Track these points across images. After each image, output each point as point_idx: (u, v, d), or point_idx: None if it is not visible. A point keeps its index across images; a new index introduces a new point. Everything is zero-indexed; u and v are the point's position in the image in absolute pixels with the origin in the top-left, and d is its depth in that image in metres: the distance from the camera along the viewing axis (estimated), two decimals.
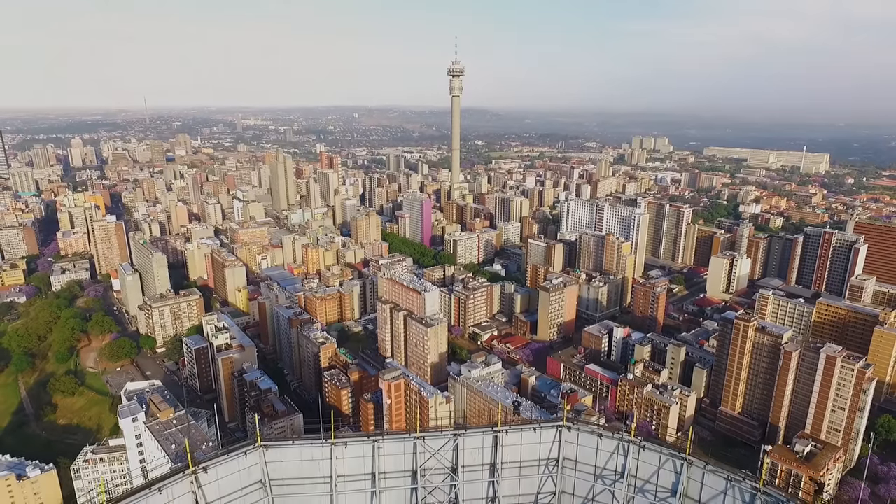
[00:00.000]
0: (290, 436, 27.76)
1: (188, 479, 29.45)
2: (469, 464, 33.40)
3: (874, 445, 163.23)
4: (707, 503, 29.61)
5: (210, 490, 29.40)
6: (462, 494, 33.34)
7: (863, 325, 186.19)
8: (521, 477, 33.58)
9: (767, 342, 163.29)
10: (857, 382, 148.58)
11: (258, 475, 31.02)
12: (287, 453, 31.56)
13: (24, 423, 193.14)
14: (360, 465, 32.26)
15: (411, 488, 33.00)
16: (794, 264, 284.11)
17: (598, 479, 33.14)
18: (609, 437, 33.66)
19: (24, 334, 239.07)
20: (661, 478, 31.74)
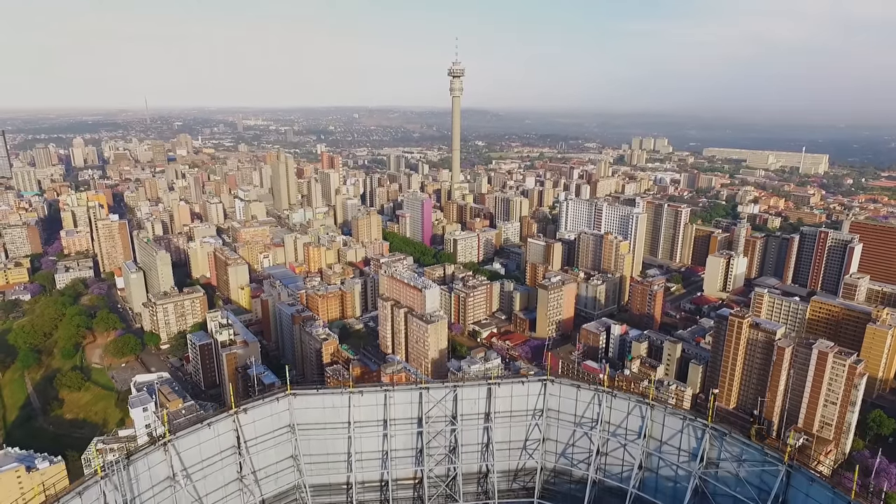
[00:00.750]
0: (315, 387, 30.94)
1: (231, 419, 33.07)
2: (467, 413, 37.47)
3: (867, 438, 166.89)
4: (667, 441, 33.23)
5: (248, 430, 33.23)
6: (461, 439, 37.31)
7: (856, 323, 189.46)
8: (512, 426, 37.58)
9: (761, 338, 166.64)
10: (849, 377, 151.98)
11: (287, 420, 34.85)
12: (311, 401, 35.47)
13: (32, 417, 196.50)
14: (374, 413, 36.20)
15: (417, 433, 36.97)
16: (791, 263, 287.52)
17: (578, 426, 37.04)
18: (586, 388, 37.70)
19: (30, 331, 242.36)
20: (629, 422, 35.66)
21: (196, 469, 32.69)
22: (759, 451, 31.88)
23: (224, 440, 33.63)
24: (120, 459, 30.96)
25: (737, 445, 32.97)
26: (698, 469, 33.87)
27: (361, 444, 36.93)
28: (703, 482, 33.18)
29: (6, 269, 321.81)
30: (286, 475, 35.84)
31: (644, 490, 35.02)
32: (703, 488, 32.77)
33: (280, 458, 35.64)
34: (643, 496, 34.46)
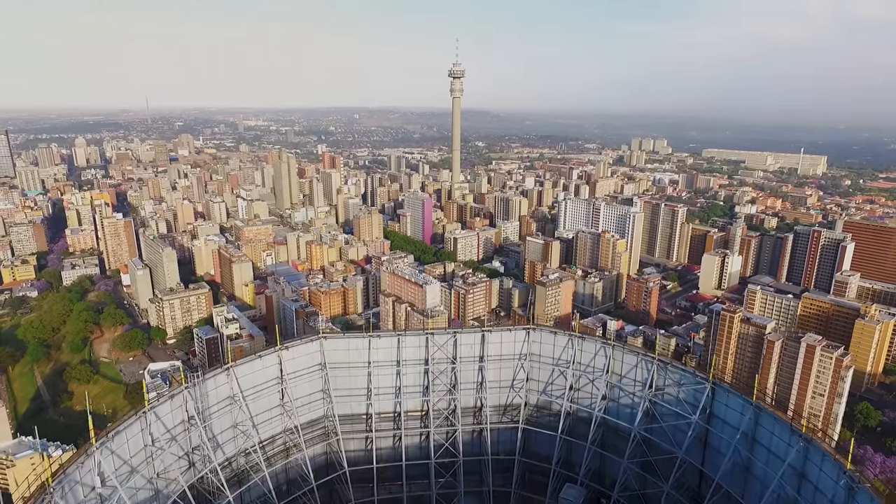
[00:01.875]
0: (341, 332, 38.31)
1: (276, 354, 39.03)
2: (464, 356, 43.76)
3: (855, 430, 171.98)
4: (625, 374, 39.85)
5: (288, 365, 39.39)
6: (459, 378, 43.62)
7: (845, 318, 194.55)
8: (501, 367, 44.06)
9: (752, 332, 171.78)
10: (836, 370, 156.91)
11: (318, 359, 41.05)
12: (338, 343, 41.80)
13: (43, 409, 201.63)
14: (389, 354, 42.50)
15: (424, 370, 43.28)
16: (785, 262, 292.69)
17: (555, 367, 43.32)
18: (561, 334, 44.14)
19: (39, 326, 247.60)
20: (596, 361, 42.00)
21: (249, 393, 39.26)
22: (692, 375, 38.69)
23: (270, 371, 40.16)
24: (198, 376, 36.94)
25: (676, 373, 39.68)
26: (648, 394, 40.58)
27: (378, 381, 43.78)
28: (652, 404, 40.04)
29: (13, 266, 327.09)
30: (317, 405, 42.58)
31: (607, 414, 41.72)
32: (653, 409, 39.57)
33: (313, 390, 42.38)
34: (606, 419, 41.16)
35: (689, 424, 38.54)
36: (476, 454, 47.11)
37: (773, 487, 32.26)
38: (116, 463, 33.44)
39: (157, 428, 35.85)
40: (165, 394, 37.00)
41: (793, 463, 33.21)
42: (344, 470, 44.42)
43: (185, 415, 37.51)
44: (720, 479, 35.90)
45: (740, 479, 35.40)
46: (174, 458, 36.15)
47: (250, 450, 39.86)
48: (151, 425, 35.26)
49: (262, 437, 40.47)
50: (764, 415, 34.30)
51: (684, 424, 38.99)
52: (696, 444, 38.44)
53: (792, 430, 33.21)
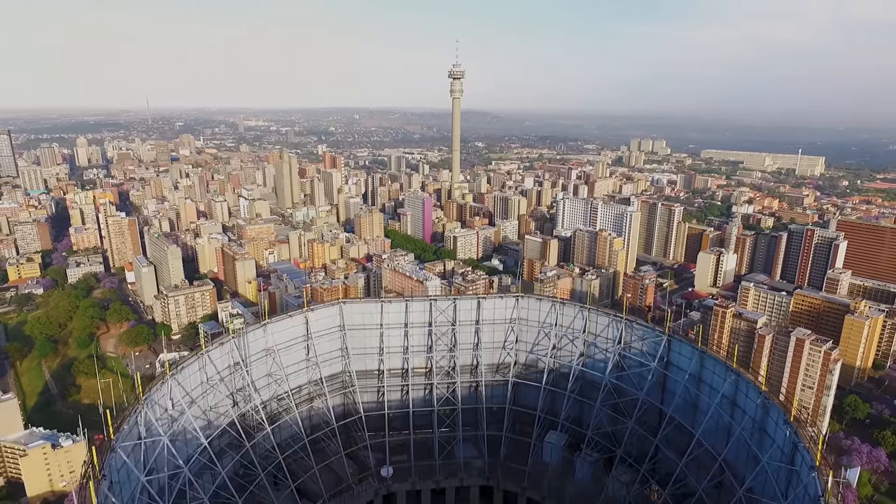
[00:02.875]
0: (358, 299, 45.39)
1: (303, 315, 44.62)
2: (462, 319, 49.94)
3: (844, 422, 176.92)
4: (599, 333, 45.88)
5: (313, 325, 45.40)
6: (458, 339, 49.62)
7: (836, 314, 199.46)
8: (494, 330, 50.06)
9: (744, 327, 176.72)
10: (824, 363, 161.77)
11: (338, 322, 46.96)
12: (355, 308, 48.07)
13: (51, 402, 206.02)
14: (398, 318, 48.70)
15: (427, 332, 49.29)
16: (779, 260, 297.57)
17: (541, 329, 48.98)
18: (546, 301, 49.88)
19: (46, 322, 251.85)
20: (575, 323, 47.93)
21: (281, 346, 45.40)
22: (652, 330, 44.32)
23: (298, 330, 46.22)
24: (242, 328, 42.43)
25: (640, 329, 45.53)
26: (618, 349, 46.67)
27: (389, 341, 49.92)
28: (621, 357, 46.05)
29: (18, 264, 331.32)
30: (337, 361, 48.69)
31: (584, 368, 47.66)
32: (621, 361, 45.48)
33: (333, 348, 48.62)
34: (584, 371, 46.95)
35: (650, 371, 45.08)
36: (473, 404, 54.29)
37: (710, 413, 39.28)
38: (181, 392, 39.03)
39: (210, 369, 42.05)
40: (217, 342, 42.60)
41: (726, 393, 40.66)
42: (360, 415, 50.96)
43: (231, 360, 43.66)
44: (673, 412, 42.60)
45: (689, 412, 42.14)
46: (223, 395, 42.33)
47: (282, 395, 46.46)
48: (206, 366, 41.36)
49: (291, 385, 47.02)
50: (707, 358, 41.22)
51: (646, 371, 45.51)
52: (656, 387, 45.05)
53: (727, 367, 40.67)
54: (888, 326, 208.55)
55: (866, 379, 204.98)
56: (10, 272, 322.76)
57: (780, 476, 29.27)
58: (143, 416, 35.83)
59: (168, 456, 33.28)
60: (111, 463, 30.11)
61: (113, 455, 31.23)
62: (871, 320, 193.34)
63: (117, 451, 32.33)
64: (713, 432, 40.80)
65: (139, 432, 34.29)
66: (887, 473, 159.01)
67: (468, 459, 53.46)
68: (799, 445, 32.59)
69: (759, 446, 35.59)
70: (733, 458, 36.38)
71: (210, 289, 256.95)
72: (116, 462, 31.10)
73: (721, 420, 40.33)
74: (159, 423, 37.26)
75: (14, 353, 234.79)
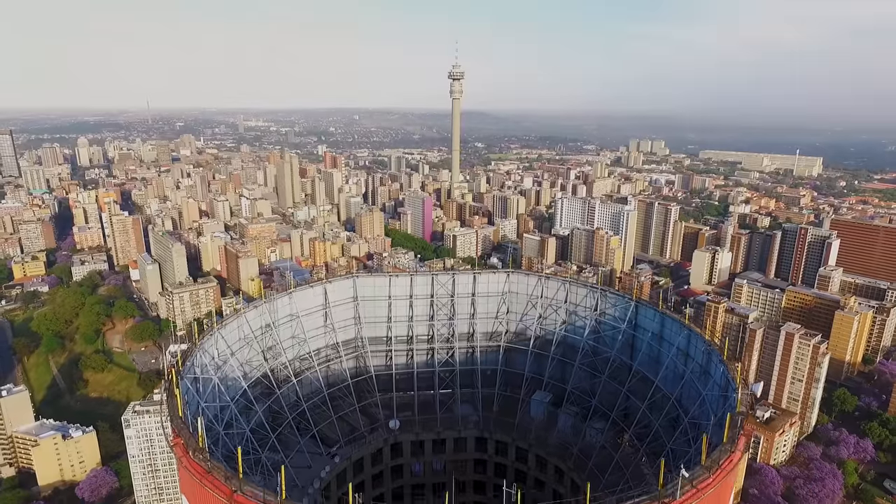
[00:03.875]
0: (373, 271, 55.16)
1: (322, 286, 50.92)
2: (460, 292, 58.11)
3: (833, 415, 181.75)
4: (579, 303, 52.20)
5: (331, 295, 53.06)
6: (456, 309, 56.65)
7: (826, 310, 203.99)
8: (488, 301, 57.99)
9: (735, 322, 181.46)
10: (813, 356, 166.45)
11: (352, 293, 54.04)
12: (367, 281, 56.50)
13: (59, 395, 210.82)
14: (404, 290, 56.80)
15: (430, 303, 56.93)
16: (773, 258, 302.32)
17: (528, 301, 55.81)
18: (533, 276, 57.29)
19: (52, 318, 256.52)
20: (558, 294, 55.00)
21: (303, 313, 52.39)
22: (621, 296, 50.62)
23: (318, 299, 53.62)
24: (271, 294, 48.28)
25: (613, 297, 52.31)
26: (594, 315, 53.05)
27: (396, 311, 58.28)
28: (596, 322, 52.80)
29: (24, 262, 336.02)
30: (350, 328, 56.19)
31: (566, 332, 54.27)
32: (597, 325, 52.26)
33: (347, 316, 56.04)
34: (565, 336, 53.88)
35: (620, 332, 52.18)
36: (469, 367, 62.07)
37: (667, 364, 45.45)
38: (224, 345, 44.57)
39: (246, 328, 48.11)
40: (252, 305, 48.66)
41: (680, 346, 49.49)
42: (371, 375, 59.62)
43: (262, 322, 49.84)
44: (638, 366, 49.74)
45: (652, 365, 48.72)
46: (256, 352, 48.72)
47: (305, 355, 53.81)
48: (243, 325, 47.25)
49: (311, 347, 54.70)
50: (666, 319, 47.62)
51: (617, 333, 52.69)
52: (625, 346, 52.18)
53: (681, 325, 50.57)
54: (878, 322, 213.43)
55: (856, 373, 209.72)
56: (16, 270, 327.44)
57: (717, 404, 35.99)
58: (199, 357, 41.59)
59: (217, 393, 39.06)
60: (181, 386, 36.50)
61: (182, 381, 37.41)
62: (860, 316, 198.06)
63: (184, 378, 38.63)
64: (670, 379, 48.05)
65: (196, 371, 40.01)
66: (874, 463, 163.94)
67: (465, 415, 61.29)
68: (728, 377, 39.78)
69: (703, 385, 42.31)
70: (685, 397, 44.03)
71: (214, 286, 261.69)
72: (183, 387, 37.23)
73: (676, 369, 47.35)
74: (210, 366, 43.05)
75: (21, 348, 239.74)
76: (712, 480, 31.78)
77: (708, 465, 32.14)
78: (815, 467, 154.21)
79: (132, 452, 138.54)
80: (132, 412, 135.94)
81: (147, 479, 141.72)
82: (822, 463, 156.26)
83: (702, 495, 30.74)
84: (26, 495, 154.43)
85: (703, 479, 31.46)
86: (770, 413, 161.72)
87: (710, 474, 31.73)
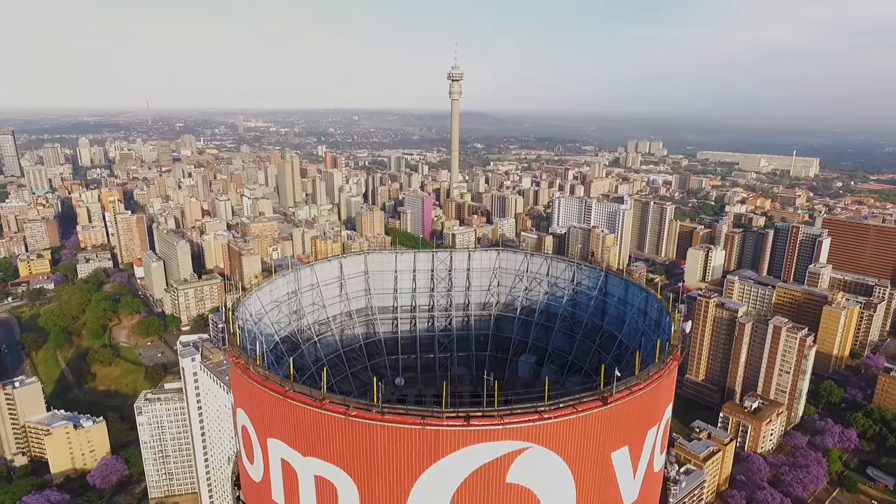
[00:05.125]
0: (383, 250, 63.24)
1: (338, 261, 57.37)
2: (457, 267, 67.09)
3: (820, 406, 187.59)
4: (559, 276, 59.74)
5: (346, 269, 60.57)
6: (454, 282, 64.85)
7: (815, 305, 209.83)
8: (481, 276, 66.25)
9: (725, 316, 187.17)
10: (800, 349, 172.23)
11: (363, 267, 61.02)
12: (376, 257, 65.29)
13: (68, 389, 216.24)
14: (408, 265, 65.30)
15: (430, 276, 66.23)
16: (766, 257, 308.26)
17: (515, 276, 63.31)
18: (520, 253, 64.88)
19: (59, 314, 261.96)
20: (541, 269, 62.91)
21: (323, 283, 60.04)
22: (591, 268, 57.52)
23: (335, 272, 61.45)
24: (298, 264, 54.68)
25: (587, 269, 59.43)
26: (571, 285, 60.41)
27: (401, 284, 66.72)
28: (573, 292, 59.59)
29: (29, 260, 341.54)
30: (362, 298, 64.80)
31: (548, 301, 61.65)
32: (574, 296, 59.18)
33: (359, 287, 63.97)
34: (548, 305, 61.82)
35: (592, 298, 59.21)
36: (464, 332, 69.98)
37: (628, 321, 52.17)
38: (259, 305, 50.83)
39: (276, 292, 55.00)
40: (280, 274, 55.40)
41: (639, 306, 56.03)
42: (379, 338, 67.49)
43: (289, 289, 56.69)
44: (606, 325, 57.60)
45: (618, 325, 56.36)
46: (284, 314, 55.68)
47: (323, 320, 60.66)
48: (273, 290, 53.92)
49: (329, 314, 63.05)
50: (630, 285, 54.85)
51: (590, 299, 60.30)
52: (597, 310, 59.98)
53: (640, 288, 57.21)
54: (865, 317, 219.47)
55: (844, 367, 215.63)
56: (21, 268, 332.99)
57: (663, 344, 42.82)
58: (243, 311, 48.29)
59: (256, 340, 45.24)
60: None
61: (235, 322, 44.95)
62: (847, 311, 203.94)
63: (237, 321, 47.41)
64: (631, 335, 55.53)
65: (240, 321, 46.40)
66: (857, 451, 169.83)
67: (461, 374, 68.90)
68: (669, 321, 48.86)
69: (654, 333, 49.26)
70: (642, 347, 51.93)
71: (218, 282, 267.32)
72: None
73: (636, 325, 54.26)
74: (250, 319, 49.99)
75: (30, 343, 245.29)
76: (643, 385, 40.15)
77: (641, 375, 40.38)
78: (800, 455, 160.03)
79: (144, 439, 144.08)
80: (144, 400, 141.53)
81: (158, 465, 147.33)
82: (808, 451, 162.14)
83: (633, 395, 39.33)
84: (40, 482, 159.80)
85: (636, 382, 39.73)
86: (758, 403, 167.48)
87: (641, 381, 40.04)
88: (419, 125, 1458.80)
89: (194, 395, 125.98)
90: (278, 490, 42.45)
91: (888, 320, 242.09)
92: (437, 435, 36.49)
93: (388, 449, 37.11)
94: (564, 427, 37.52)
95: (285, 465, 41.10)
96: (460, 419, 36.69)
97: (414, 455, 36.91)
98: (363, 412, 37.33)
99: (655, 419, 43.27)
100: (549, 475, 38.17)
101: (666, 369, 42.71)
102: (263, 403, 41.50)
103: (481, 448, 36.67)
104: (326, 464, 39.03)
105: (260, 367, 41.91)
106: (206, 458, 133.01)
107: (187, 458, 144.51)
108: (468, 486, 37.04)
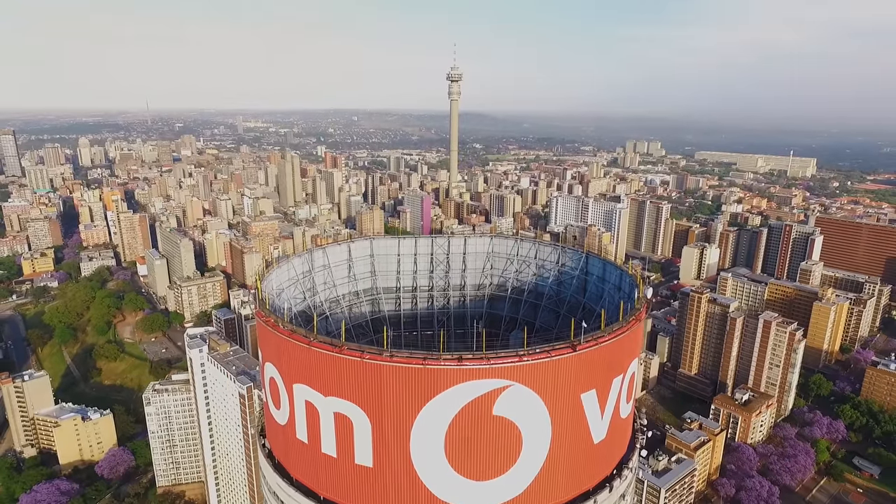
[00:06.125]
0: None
1: (346, 245, 62.17)
2: (454, 252, 74.33)
3: (810, 399, 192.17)
4: (546, 258, 65.91)
5: (354, 252, 65.77)
6: (451, 265, 71.58)
7: (806, 301, 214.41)
8: (476, 260, 72.99)
9: (717, 311, 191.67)
10: (789, 343, 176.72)
11: (369, 251, 66.93)
12: (381, 242, 73.24)
13: (74, 383, 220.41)
14: (410, 249, 72.51)
15: (430, 259, 73.23)
16: (760, 254, 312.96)
17: (507, 259, 69.37)
18: (511, 239, 70.16)
19: (64, 311, 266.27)
20: (529, 253, 69.18)
21: (333, 264, 66.66)
22: (574, 250, 62.70)
23: (344, 254, 67.78)
24: (312, 246, 59.62)
25: (570, 252, 65.12)
26: (557, 266, 66.04)
27: (403, 266, 73.75)
28: (558, 272, 65.06)
29: (33, 258, 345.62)
30: (368, 279, 70.99)
31: (536, 281, 67.55)
32: (559, 276, 64.86)
33: (366, 269, 70.69)
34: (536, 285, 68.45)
35: (574, 277, 64.79)
36: (461, 311, 76.23)
37: (605, 297, 57.79)
38: (278, 281, 55.76)
39: (292, 271, 59.81)
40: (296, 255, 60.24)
41: (615, 283, 62.59)
42: (384, 315, 73.71)
43: (303, 269, 61.84)
44: (587, 301, 63.20)
45: (597, 300, 62.50)
46: (299, 291, 60.80)
47: (334, 298, 66.27)
48: (290, 269, 58.92)
49: (338, 293, 69.46)
50: (608, 265, 60.77)
51: (573, 279, 66.45)
52: (579, 288, 66.17)
53: (616, 267, 63.45)
54: (854, 313, 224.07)
55: (834, 362, 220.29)
56: (25, 266, 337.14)
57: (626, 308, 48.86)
58: (266, 285, 53.27)
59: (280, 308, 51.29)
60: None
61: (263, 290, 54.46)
62: (836, 306, 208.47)
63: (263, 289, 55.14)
64: (609, 308, 60.31)
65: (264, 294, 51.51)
66: (845, 442, 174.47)
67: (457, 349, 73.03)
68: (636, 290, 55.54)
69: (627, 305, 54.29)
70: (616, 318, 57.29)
71: (220, 280, 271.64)
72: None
73: (613, 299, 59.23)
74: (273, 292, 55.24)
75: (35, 339, 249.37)
76: (608, 337, 47.34)
77: (606, 329, 47.41)
78: (789, 445, 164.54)
79: (152, 429, 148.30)
80: (152, 391, 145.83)
81: (165, 454, 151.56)
82: (797, 441, 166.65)
83: (599, 345, 46.53)
84: (49, 472, 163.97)
85: (601, 335, 46.89)
86: (748, 396, 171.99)
87: (606, 334, 47.14)
88: (418, 125, 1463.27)
89: (202, 386, 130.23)
90: (302, 428, 50.12)
91: (878, 316, 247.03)
92: (435, 373, 43.69)
93: (396, 386, 44.20)
94: (540, 368, 44.58)
95: (308, 406, 48.64)
96: (454, 360, 43.94)
97: (417, 391, 43.92)
98: (375, 355, 44.59)
99: (620, 369, 50.10)
100: (528, 410, 45.11)
101: (629, 326, 49.46)
102: (291, 353, 48.72)
103: (472, 385, 43.91)
104: (344, 401, 46.31)
105: (287, 323, 48.83)
106: (212, 446, 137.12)
107: (194, 447, 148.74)
108: (462, 417, 44.10)
